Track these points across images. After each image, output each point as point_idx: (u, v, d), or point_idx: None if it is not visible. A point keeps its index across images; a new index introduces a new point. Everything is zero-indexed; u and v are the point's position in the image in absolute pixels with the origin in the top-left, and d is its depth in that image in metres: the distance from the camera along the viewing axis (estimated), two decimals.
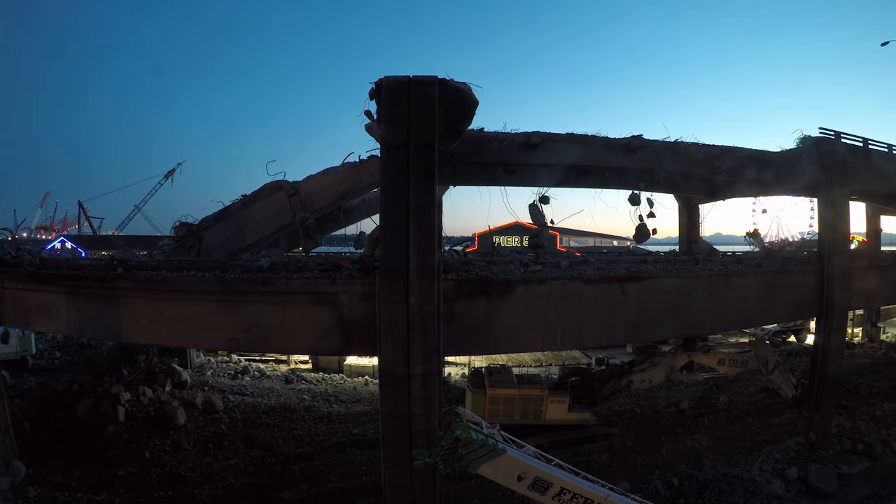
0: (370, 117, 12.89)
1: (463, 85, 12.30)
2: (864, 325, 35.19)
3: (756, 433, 19.05)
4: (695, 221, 25.58)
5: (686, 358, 20.57)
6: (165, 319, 13.60)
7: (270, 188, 16.04)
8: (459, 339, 12.77)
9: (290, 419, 21.63)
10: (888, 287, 21.22)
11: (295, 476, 16.84)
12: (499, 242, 46.01)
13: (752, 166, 18.18)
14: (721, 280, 15.76)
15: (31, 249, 17.32)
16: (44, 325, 15.84)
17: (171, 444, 18.74)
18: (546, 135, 15.98)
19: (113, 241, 48.97)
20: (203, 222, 16.59)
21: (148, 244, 31.20)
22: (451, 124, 12.75)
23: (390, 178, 11.76)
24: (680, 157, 17.58)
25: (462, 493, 15.52)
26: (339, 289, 12.50)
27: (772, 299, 17.02)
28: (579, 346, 27.32)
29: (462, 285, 12.62)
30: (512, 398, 17.84)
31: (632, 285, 14.16)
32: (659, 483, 15.49)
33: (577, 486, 9.29)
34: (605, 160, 17.01)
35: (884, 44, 24.37)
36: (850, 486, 15.70)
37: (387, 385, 11.81)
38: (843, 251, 18.48)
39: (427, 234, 11.61)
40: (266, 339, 13.28)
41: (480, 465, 8.66)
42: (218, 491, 15.87)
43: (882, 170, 19.73)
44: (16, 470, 15.53)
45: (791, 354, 29.64)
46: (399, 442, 11.60)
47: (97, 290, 13.86)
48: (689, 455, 17.39)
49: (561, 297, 13.48)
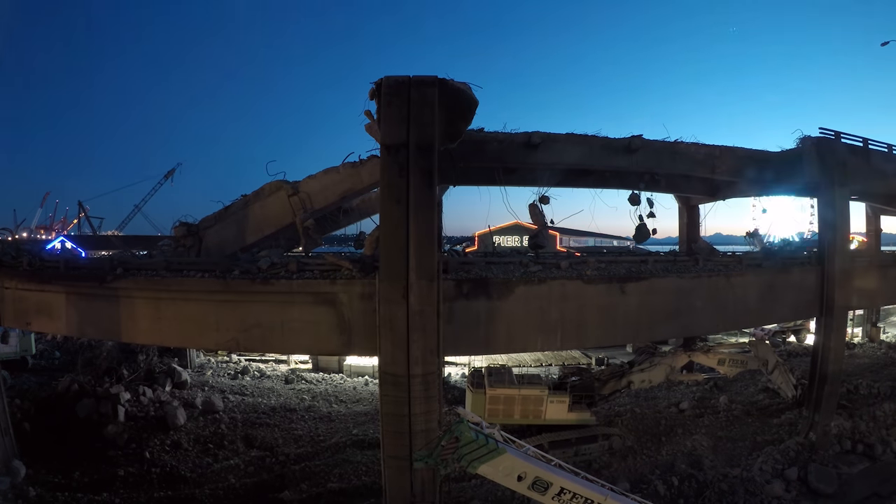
0: (370, 117, 12.89)
1: (463, 85, 12.29)
2: (864, 325, 35.21)
3: (756, 433, 19.05)
4: (695, 221, 25.57)
5: (686, 358, 20.60)
6: (165, 319, 13.59)
7: (270, 188, 16.03)
8: (459, 339, 12.76)
9: (290, 419, 21.64)
10: (888, 287, 21.20)
11: (295, 476, 16.85)
12: (499, 242, 46.06)
13: (753, 166, 18.17)
14: (721, 280, 15.76)
15: (31, 249, 17.32)
16: (44, 325, 15.82)
17: (171, 444, 18.75)
18: (546, 135, 15.96)
19: (113, 241, 48.96)
20: (203, 222, 16.57)
21: (148, 244, 31.22)
22: (451, 124, 12.74)
23: (390, 178, 11.76)
24: (680, 157, 17.57)
25: (462, 493, 15.53)
26: (339, 289, 12.50)
27: (772, 299, 17.01)
28: (579, 346, 27.32)
29: (462, 285, 12.62)
30: (512, 398, 17.86)
31: (632, 285, 14.16)
32: (659, 483, 15.49)
33: (577, 487, 9.29)
34: (605, 160, 16.99)
35: (884, 44, 24.39)
36: (850, 486, 15.70)
37: (387, 385, 11.81)
38: (843, 251, 18.47)
39: (427, 234, 11.61)
40: (266, 339, 13.27)
41: (480, 466, 8.66)
42: (218, 491, 15.88)
43: (882, 170, 19.72)
44: (16, 470, 15.53)
45: (791, 354, 29.66)
46: (399, 442, 11.60)
47: (97, 290, 13.85)
48: (689, 455, 17.38)
49: (561, 297, 13.48)
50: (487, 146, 15.89)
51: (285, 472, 17.03)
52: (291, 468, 17.31)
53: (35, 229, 76.99)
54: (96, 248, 43.84)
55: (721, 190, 22.69)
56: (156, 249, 16.95)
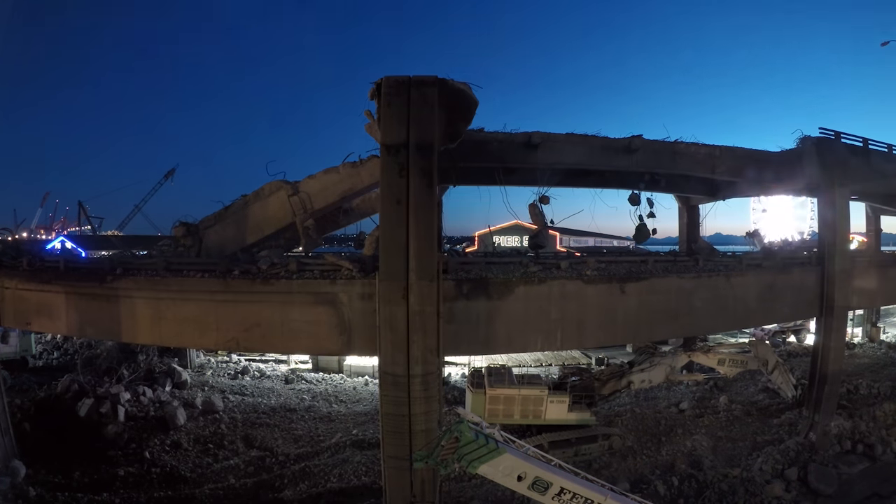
0: (370, 117, 12.88)
1: (463, 85, 12.29)
2: (864, 325, 35.21)
3: (756, 433, 19.06)
4: (695, 221, 25.60)
5: (686, 358, 20.61)
6: (165, 319, 13.59)
7: (270, 188, 16.02)
8: (459, 339, 12.76)
9: (290, 419, 21.65)
10: (888, 287, 21.20)
11: (295, 476, 16.85)
12: (499, 242, 46.08)
13: (753, 166, 18.18)
14: (721, 280, 15.76)
15: (31, 249, 17.33)
16: (44, 325, 15.83)
17: (171, 444, 18.76)
18: (546, 135, 15.96)
19: (113, 241, 48.90)
20: (203, 222, 16.56)
21: (148, 244, 31.23)
22: (451, 124, 12.74)
23: (390, 178, 11.75)
24: (680, 157, 17.57)
25: (462, 493, 15.54)
26: (339, 289, 12.50)
27: (772, 299, 17.01)
28: (579, 346, 27.31)
29: (462, 285, 12.62)
30: (512, 398, 17.86)
31: (632, 285, 14.15)
32: (659, 483, 15.51)
33: (577, 487, 9.29)
34: (605, 160, 17.00)
35: (884, 44, 24.40)
36: (850, 486, 15.70)
37: (387, 385, 11.80)
38: (843, 251, 18.47)
39: (427, 234, 11.61)
40: (266, 339, 13.28)
41: (480, 466, 8.65)
42: (217, 491, 15.88)
43: (882, 170, 19.73)
44: (16, 470, 15.54)
45: (791, 354, 29.66)
46: (399, 442, 11.60)
47: (97, 290, 13.86)
48: (689, 455, 17.39)
49: (561, 297, 13.48)
50: (488, 146, 15.90)
51: (285, 472, 17.03)
52: (291, 468, 17.31)
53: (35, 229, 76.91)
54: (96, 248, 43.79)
55: (721, 190, 22.72)
56: (155, 249, 16.94)
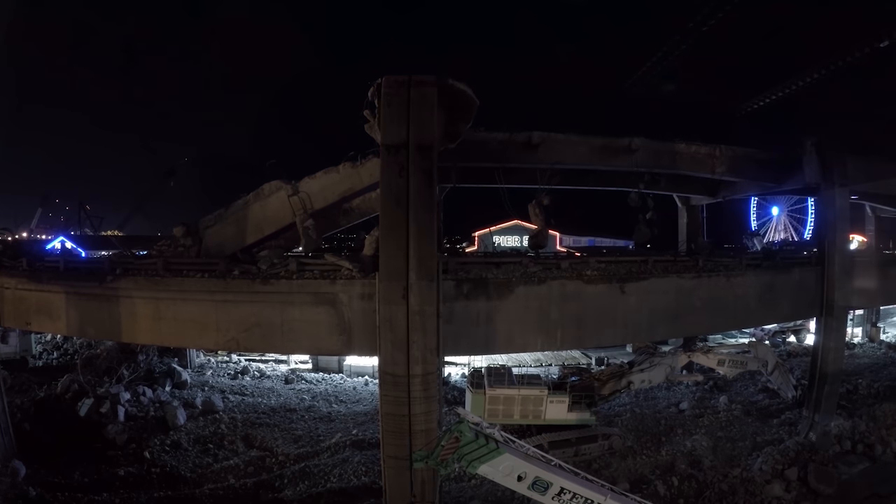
0: (370, 117, 12.88)
1: (463, 85, 12.29)
2: (864, 325, 35.17)
3: (756, 433, 19.05)
4: (695, 221, 25.59)
5: (686, 358, 20.56)
6: (165, 319, 13.60)
7: (270, 188, 15.99)
8: (459, 339, 12.78)
9: (290, 419, 21.63)
10: (888, 287, 21.20)
11: (295, 476, 16.84)
12: (499, 242, 46.07)
13: (753, 166, 18.18)
14: (721, 280, 15.76)
15: (30, 249, 17.33)
16: (44, 325, 15.84)
17: (170, 444, 18.74)
18: (546, 135, 15.97)
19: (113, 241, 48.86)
20: (203, 222, 16.54)
21: (148, 244, 31.15)
22: (451, 124, 12.75)
23: (390, 178, 11.76)
24: (680, 157, 17.59)
25: (462, 493, 15.54)
26: (339, 289, 12.51)
27: (772, 299, 17.01)
28: (579, 346, 27.31)
29: (462, 285, 12.63)
30: (512, 398, 17.84)
31: (632, 285, 14.16)
32: (659, 483, 15.51)
33: (576, 487, 9.29)
34: (605, 160, 17.01)
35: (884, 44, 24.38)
36: (850, 486, 15.70)
37: (387, 385, 11.81)
38: (843, 251, 18.48)
39: (427, 234, 11.61)
40: (266, 339, 13.29)
41: (480, 466, 8.67)
42: (217, 491, 15.87)
43: (882, 170, 19.74)
44: (16, 470, 15.54)
45: (791, 354, 29.65)
46: (399, 442, 11.61)
47: (97, 290, 13.87)
48: (689, 455, 17.39)
49: (561, 297, 13.49)
50: (488, 146, 15.89)
51: (285, 472, 17.02)
52: (291, 468, 17.30)
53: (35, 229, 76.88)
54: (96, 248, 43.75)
55: (721, 190, 22.72)
56: (155, 250, 16.90)
